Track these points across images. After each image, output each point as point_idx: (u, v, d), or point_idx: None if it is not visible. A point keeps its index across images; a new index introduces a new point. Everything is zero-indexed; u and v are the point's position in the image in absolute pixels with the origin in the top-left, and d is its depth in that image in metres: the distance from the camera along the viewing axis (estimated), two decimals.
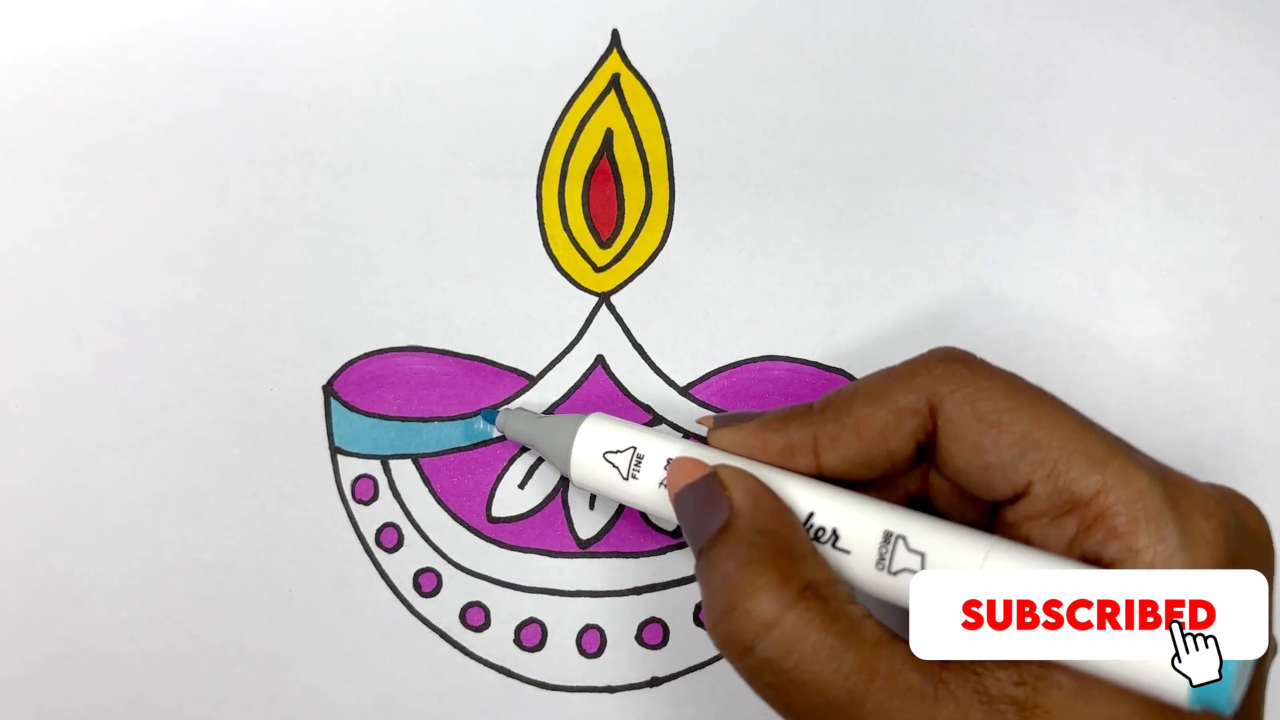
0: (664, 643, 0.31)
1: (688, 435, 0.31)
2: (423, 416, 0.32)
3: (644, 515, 0.32)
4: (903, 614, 0.22)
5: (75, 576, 0.32)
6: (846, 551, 0.23)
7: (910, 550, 0.23)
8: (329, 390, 0.32)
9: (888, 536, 0.23)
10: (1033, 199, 0.32)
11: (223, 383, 0.32)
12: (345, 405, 0.32)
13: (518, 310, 0.32)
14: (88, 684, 0.32)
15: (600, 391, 0.32)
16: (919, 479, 0.27)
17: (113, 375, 0.33)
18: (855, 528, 0.23)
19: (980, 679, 0.21)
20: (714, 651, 0.31)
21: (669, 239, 0.32)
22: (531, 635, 0.31)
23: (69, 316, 0.33)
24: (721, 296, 0.32)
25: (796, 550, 0.23)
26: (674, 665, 0.31)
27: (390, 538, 0.32)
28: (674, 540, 0.32)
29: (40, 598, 0.32)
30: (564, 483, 0.32)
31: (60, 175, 0.33)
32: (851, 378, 0.32)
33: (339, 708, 0.32)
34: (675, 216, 0.32)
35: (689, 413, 0.32)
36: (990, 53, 0.33)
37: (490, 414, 0.31)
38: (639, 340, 0.32)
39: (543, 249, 0.33)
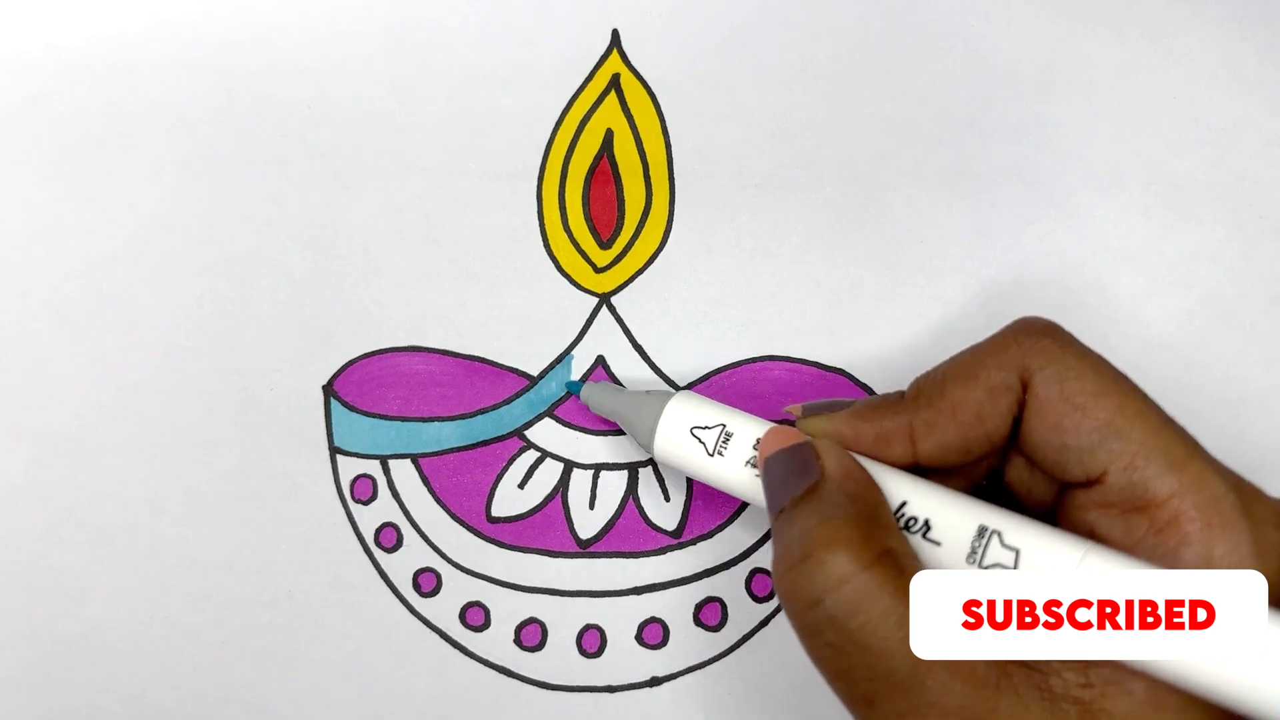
0: (664, 643, 0.31)
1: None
2: (422, 416, 0.32)
3: (644, 515, 0.32)
4: None
5: (75, 576, 0.32)
6: (937, 543, 0.23)
7: (1005, 546, 0.22)
8: (329, 390, 0.32)
9: (982, 531, 0.23)
10: (1033, 199, 0.32)
11: (223, 383, 0.32)
12: (345, 405, 0.32)
13: (518, 310, 0.32)
14: (88, 684, 0.32)
15: None
16: (997, 456, 0.26)
17: (113, 375, 0.33)
18: (949, 520, 0.23)
19: (1045, 677, 0.21)
20: (714, 651, 0.31)
21: (669, 239, 0.32)
22: (531, 635, 0.31)
23: (69, 316, 0.33)
24: (721, 296, 0.32)
25: (881, 520, 0.23)
26: (674, 665, 0.31)
27: (389, 538, 0.32)
28: (674, 540, 0.32)
29: (40, 598, 0.32)
30: (564, 483, 0.32)
31: (60, 175, 0.33)
32: (852, 378, 0.32)
33: (339, 708, 0.32)
34: (675, 217, 0.32)
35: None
36: (990, 53, 0.33)
37: (575, 385, 0.31)
38: (639, 341, 0.32)
39: (543, 249, 0.33)
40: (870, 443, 0.25)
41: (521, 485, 0.32)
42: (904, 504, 0.24)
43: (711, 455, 0.27)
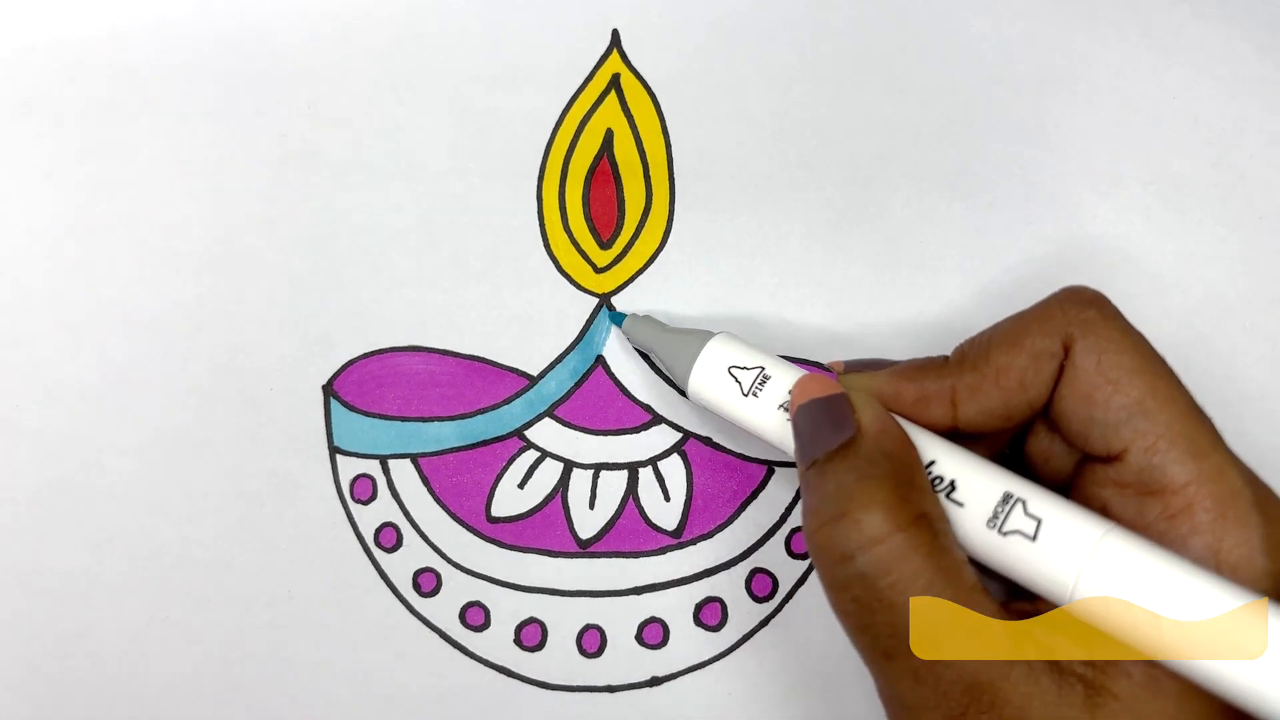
0: (664, 643, 0.31)
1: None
2: (422, 416, 0.32)
3: (644, 515, 0.32)
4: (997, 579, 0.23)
5: (75, 576, 0.32)
6: (960, 504, 0.23)
7: (1027, 515, 0.22)
8: (329, 390, 0.32)
9: (1007, 498, 0.23)
10: (1033, 199, 0.32)
11: (223, 383, 0.32)
12: (345, 405, 0.32)
13: (518, 310, 0.32)
14: (88, 684, 0.32)
15: (600, 392, 0.32)
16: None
17: (113, 375, 0.33)
18: (975, 483, 0.23)
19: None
20: (714, 651, 0.31)
21: (669, 239, 0.32)
22: (531, 635, 0.31)
23: (69, 316, 0.33)
24: (721, 296, 0.32)
25: (916, 481, 0.23)
26: (674, 665, 0.31)
27: (389, 537, 0.32)
28: (674, 540, 0.32)
29: (40, 598, 0.32)
30: (564, 483, 0.32)
31: (60, 175, 0.33)
32: None
33: (339, 708, 0.32)
34: (675, 217, 0.32)
35: (689, 414, 0.32)
36: (990, 53, 0.33)
37: (618, 316, 0.31)
38: None
39: (543, 249, 0.33)
40: (910, 403, 0.25)
41: (521, 485, 0.32)
42: (933, 462, 0.24)
43: (746, 396, 0.27)
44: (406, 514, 0.32)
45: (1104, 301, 0.24)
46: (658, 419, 0.32)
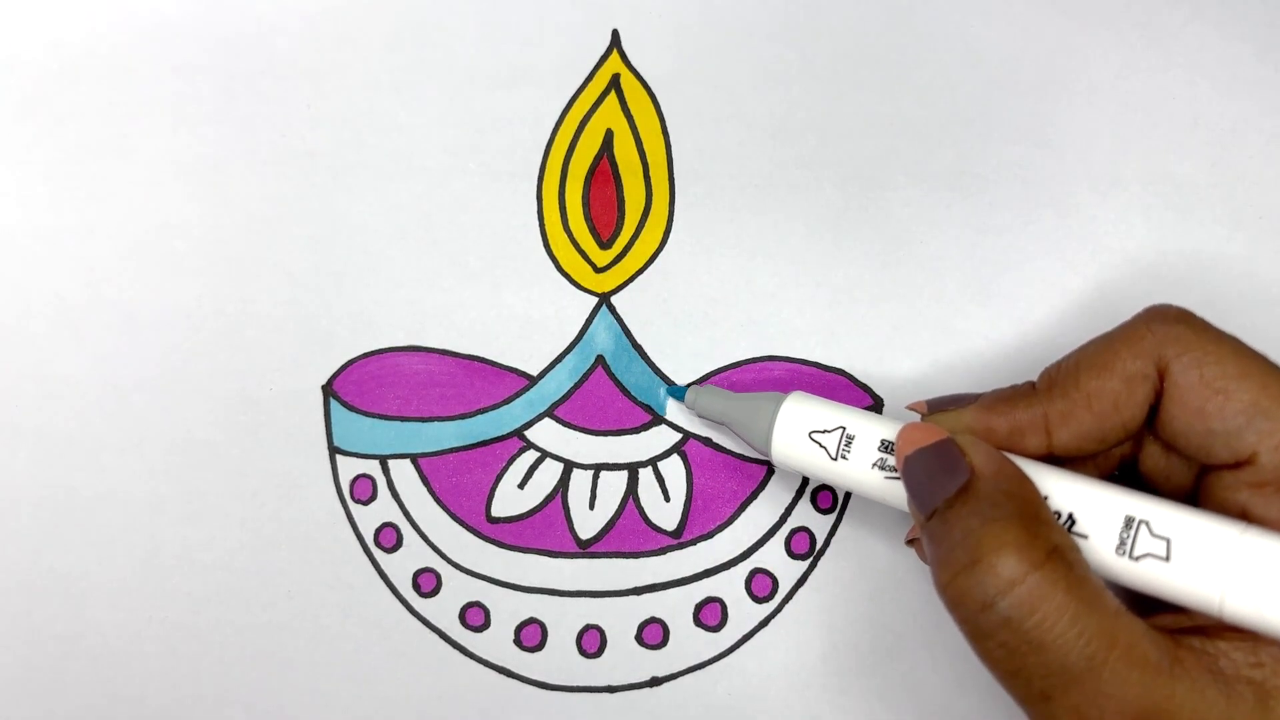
0: (664, 643, 0.31)
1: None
2: (422, 416, 0.32)
3: (644, 515, 0.32)
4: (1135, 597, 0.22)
5: (75, 576, 0.32)
6: (1084, 536, 0.23)
7: (1155, 535, 0.22)
8: (328, 390, 0.32)
9: (1129, 521, 0.22)
10: (1033, 199, 0.32)
11: (223, 383, 0.32)
12: (345, 405, 0.32)
13: (518, 310, 0.32)
14: (88, 684, 0.32)
15: (600, 392, 0.32)
16: (1131, 445, 0.26)
17: (113, 375, 0.33)
18: (1093, 512, 0.23)
19: (1214, 659, 0.21)
20: (714, 651, 0.31)
21: (669, 239, 0.32)
22: (531, 635, 0.31)
23: (69, 316, 0.33)
24: (721, 297, 0.32)
25: (1042, 516, 0.23)
26: (674, 665, 0.31)
27: (389, 538, 0.32)
28: (674, 540, 0.32)
29: (40, 598, 0.32)
30: (564, 483, 0.32)
31: (60, 175, 0.33)
32: (851, 378, 0.32)
33: (339, 708, 0.32)
34: (675, 217, 0.32)
35: (689, 414, 0.32)
36: (990, 53, 0.33)
37: (678, 390, 0.31)
38: (639, 341, 0.32)
39: (543, 249, 0.33)
40: (1004, 436, 0.25)
41: (521, 485, 0.32)
42: (1045, 498, 0.24)
43: (835, 459, 0.26)
44: (406, 514, 0.32)
45: (1191, 316, 0.24)
46: (658, 419, 0.32)
